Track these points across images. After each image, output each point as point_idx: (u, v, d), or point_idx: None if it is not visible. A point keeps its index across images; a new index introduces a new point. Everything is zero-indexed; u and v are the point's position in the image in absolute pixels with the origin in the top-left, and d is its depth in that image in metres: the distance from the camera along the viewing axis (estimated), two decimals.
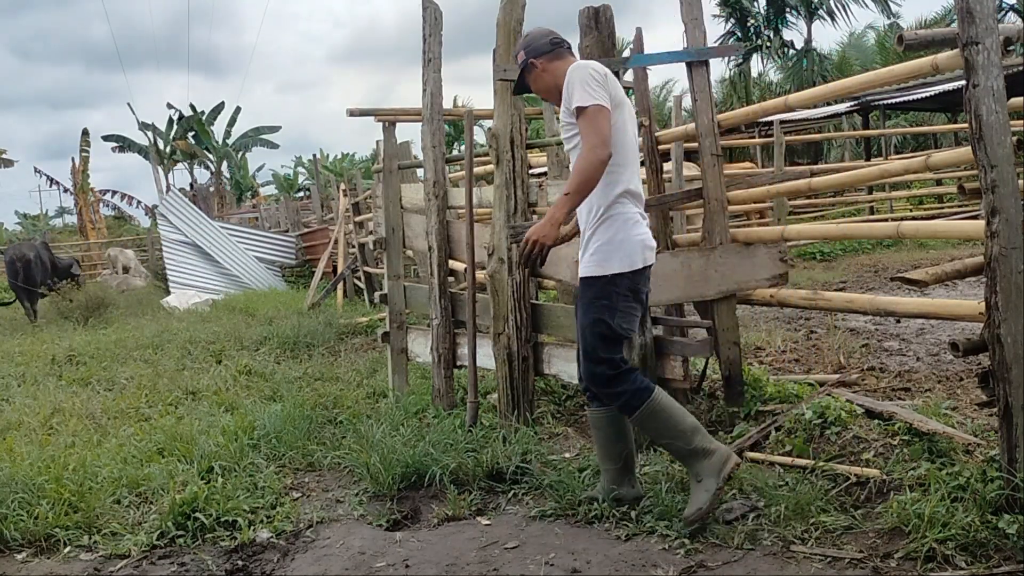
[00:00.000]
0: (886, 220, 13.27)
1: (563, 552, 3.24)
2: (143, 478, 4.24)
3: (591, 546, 3.28)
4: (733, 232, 4.70)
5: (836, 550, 3.00)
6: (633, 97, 5.47)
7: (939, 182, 15.21)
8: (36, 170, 42.12)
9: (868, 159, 18.48)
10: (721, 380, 4.68)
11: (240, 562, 3.42)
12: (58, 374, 7.77)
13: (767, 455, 3.88)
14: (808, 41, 29.72)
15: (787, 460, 3.74)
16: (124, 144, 35.10)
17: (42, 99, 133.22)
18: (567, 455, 4.33)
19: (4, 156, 32.10)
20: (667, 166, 9.07)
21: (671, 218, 5.69)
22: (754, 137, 18.84)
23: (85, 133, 31.14)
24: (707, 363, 4.87)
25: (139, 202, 35.07)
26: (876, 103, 17.71)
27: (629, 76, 5.24)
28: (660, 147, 5.33)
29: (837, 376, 5.12)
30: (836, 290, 8.31)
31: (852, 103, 17.76)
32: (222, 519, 3.74)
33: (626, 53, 4.94)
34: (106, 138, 35.18)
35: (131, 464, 4.42)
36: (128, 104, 63.57)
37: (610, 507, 3.49)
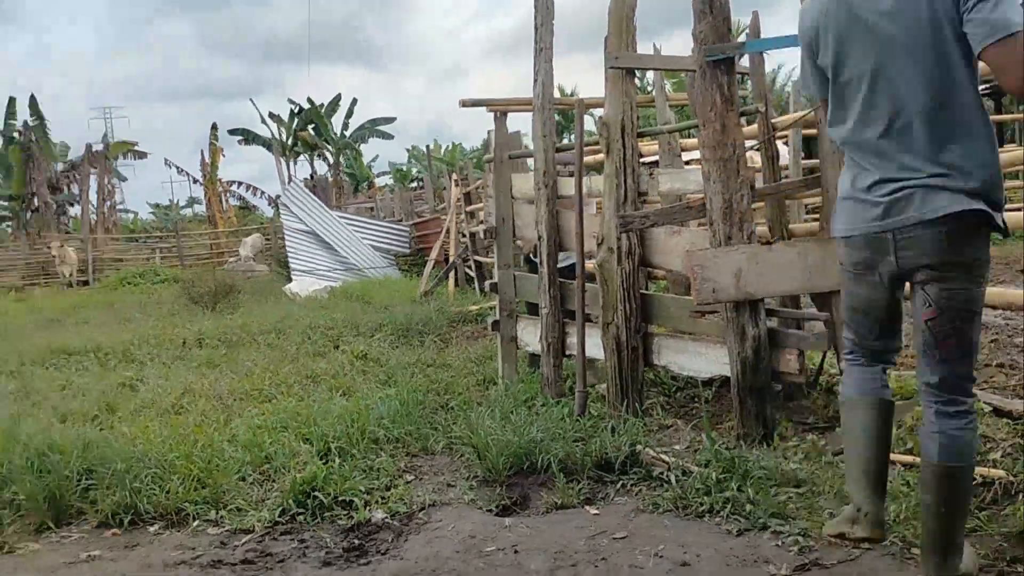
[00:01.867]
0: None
1: (672, 544, 3.22)
2: (265, 457, 4.43)
3: (701, 539, 3.25)
4: None
5: None
6: (749, 83, 5.34)
7: None
8: (166, 162, 44.34)
9: (1000, 145, 17.43)
10: (839, 375, 4.54)
11: (356, 540, 3.54)
12: (188, 356, 8.18)
13: None
14: None
15: (908, 459, 3.60)
16: (249, 137, 36.52)
17: (201, 92, 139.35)
18: (677, 447, 4.30)
19: (136, 148, 33.88)
20: (784, 151, 8.80)
21: (788, 207, 5.52)
22: None
23: (214, 127, 32.60)
24: (824, 357, 4.74)
25: (263, 192, 36.47)
26: None
27: (745, 62, 5.12)
28: (776, 134, 5.19)
29: None
30: None
31: (984, 87, 16.78)
32: (339, 498, 3.88)
33: (742, 38, 4.82)
34: (232, 132, 36.70)
35: (255, 443, 4.61)
36: (251, 100, 67.01)
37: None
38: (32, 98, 28.75)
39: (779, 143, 5.37)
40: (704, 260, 4.10)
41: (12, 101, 28.84)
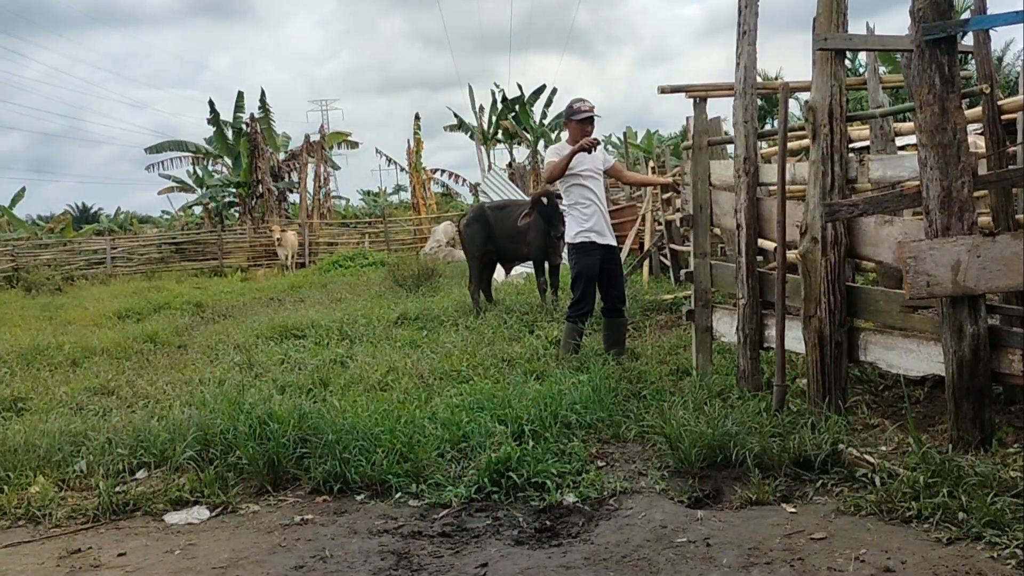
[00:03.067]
0: None
1: (875, 549, 3.08)
2: (463, 436, 4.61)
3: (907, 546, 3.08)
4: None
5: None
6: (973, 62, 4.95)
7: None
8: (377, 150, 46.67)
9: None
10: None
11: (548, 522, 3.63)
12: (393, 336, 8.62)
13: None
14: None
15: None
16: (456, 124, 37.90)
17: (412, 84, 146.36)
18: (883, 448, 4.08)
19: (350, 139, 35.87)
20: None
21: (1015, 196, 5.07)
22: None
23: (417, 117, 34.02)
24: None
25: (463, 180, 37.70)
26: None
27: (968, 40, 4.75)
28: (1003, 117, 4.78)
29: None
30: None
31: None
32: (532, 480, 3.99)
33: (965, 14, 4.47)
34: (441, 119, 38.27)
35: (453, 422, 4.80)
36: (469, 85, 69.77)
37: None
38: (263, 92, 31.24)
39: None
40: (918, 252, 3.86)
41: (240, 95, 31.35)
